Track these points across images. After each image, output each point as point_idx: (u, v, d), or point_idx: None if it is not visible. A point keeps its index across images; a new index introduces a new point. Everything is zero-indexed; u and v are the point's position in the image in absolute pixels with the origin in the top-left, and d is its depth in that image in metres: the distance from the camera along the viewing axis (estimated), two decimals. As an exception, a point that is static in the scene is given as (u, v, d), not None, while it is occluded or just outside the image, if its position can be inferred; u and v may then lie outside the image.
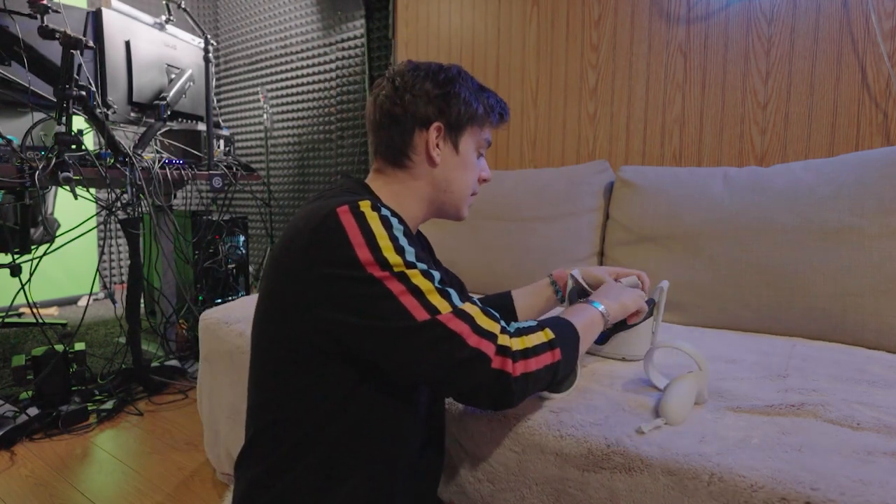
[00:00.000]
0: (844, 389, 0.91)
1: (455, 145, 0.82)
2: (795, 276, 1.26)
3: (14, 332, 2.58)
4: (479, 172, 0.88)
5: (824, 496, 0.63)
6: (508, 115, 0.88)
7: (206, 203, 2.89)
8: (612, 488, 0.75)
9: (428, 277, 0.66)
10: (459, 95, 0.81)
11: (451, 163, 0.82)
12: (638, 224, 1.52)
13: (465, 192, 0.85)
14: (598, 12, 1.91)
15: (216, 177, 2.13)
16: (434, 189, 0.83)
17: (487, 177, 0.89)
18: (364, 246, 0.63)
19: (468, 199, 0.87)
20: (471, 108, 0.82)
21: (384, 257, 0.64)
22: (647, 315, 1.07)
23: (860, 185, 1.24)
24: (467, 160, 0.84)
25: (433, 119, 0.81)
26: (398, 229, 0.67)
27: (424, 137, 0.80)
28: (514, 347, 0.65)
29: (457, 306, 0.65)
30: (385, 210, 0.69)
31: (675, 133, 1.79)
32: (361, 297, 0.64)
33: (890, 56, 1.44)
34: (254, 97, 3.50)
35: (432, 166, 0.82)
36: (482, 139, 0.85)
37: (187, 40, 2.29)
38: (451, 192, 0.84)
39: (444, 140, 0.82)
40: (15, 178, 1.50)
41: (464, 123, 0.82)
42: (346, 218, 0.65)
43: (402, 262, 0.64)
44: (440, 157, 0.82)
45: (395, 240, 0.66)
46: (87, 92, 1.64)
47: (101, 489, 1.43)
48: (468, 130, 0.83)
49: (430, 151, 0.81)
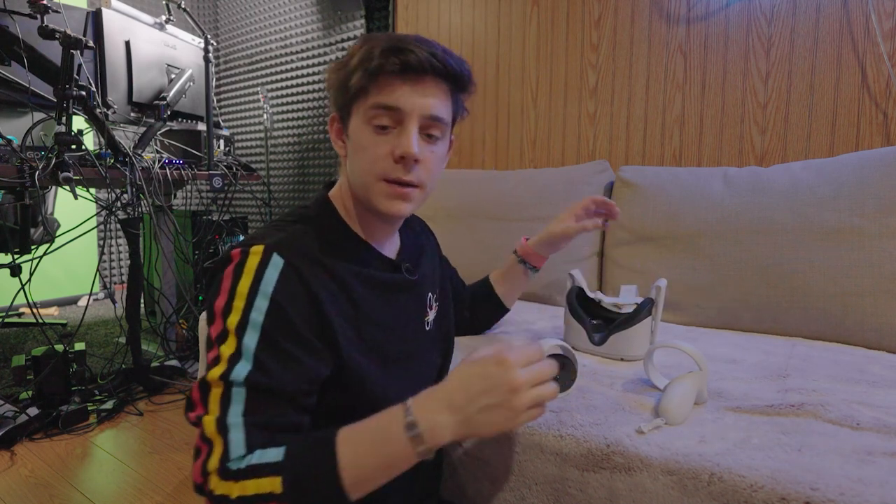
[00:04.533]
0: (844, 389, 0.91)
1: (347, 131, 0.73)
2: (795, 276, 1.26)
3: (14, 332, 2.58)
4: (391, 149, 0.69)
5: (824, 496, 0.63)
6: (395, 56, 0.66)
7: (206, 203, 2.89)
8: (611, 488, 0.75)
9: (234, 361, 0.59)
10: (332, 74, 0.73)
11: (350, 151, 0.73)
12: (638, 224, 1.52)
13: (363, 178, 0.71)
14: (598, 12, 1.91)
15: (216, 177, 2.13)
16: (350, 184, 0.76)
17: (402, 152, 0.68)
18: (225, 295, 0.63)
19: (373, 187, 0.70)
20: (340, 82, 0.71)
21: (225, 325, 0.61)
22: (645, 314, 1.07)
23: (860, 185, 1.24)
24: (357, 142, 0.71)
25: (331, 109, 0.76)
26: (269, 282, 0.62)
27: (331, 130, 0.77)
28: (217, 492, 0.56)
29: (223, 418, 0.57)
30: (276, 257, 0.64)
31: (675, 133, 1.79)
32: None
33: (890, 56, 1.44)
34: (254, 97, 3.50)
35: (344, 158, 0.76)
36: (368, 107, 0.69)
37: (187, 40, 2.29)
38: (357, 184, 0.73)
39: (343, 127, 0.74)
40: (15, 178, 1.50)
41: (344, 103, 0.72)
42: (231, 263, 0.64)
43: (235, 325, 0.61)
44: (343, 148, 0.75)
45: (249, 297, 0.62)
46: (87, 92, 1.64)
47: (101, 489, 1.43)
48: (354, 109, 0.71)
49: (334, 142, 0.77)
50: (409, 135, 0.68)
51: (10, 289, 1.74)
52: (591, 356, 1.11)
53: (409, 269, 0.82)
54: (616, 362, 1.08)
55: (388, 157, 0.69)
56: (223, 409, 0.58)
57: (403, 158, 0.68)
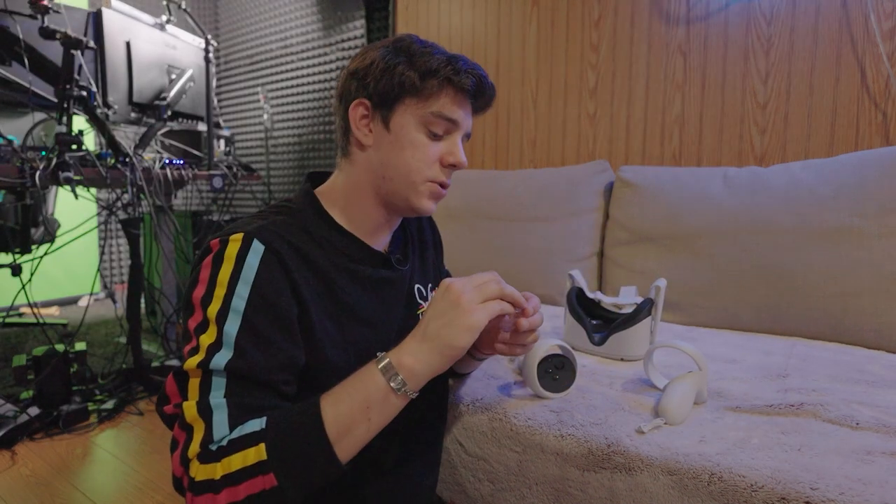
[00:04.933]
0: (844, 389, 0.91)
1: (385, 122, 0.71)
2: (795, 276, 1.26)
3: (15, 332, 2.58)
4: (440, 155, 0.72)
5: (824, 496, 0.63)
6: (470, 78, 0.69)
7: (206, 203, 2.89)
8: (612, 488, 0.76)
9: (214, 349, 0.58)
10: (381, 63, 0.69)
11: (384, 143, 0.71)
12: (638, 224, 1.52)
13: (409, 177, 0.71)
14: (598, 12, 1.91)
15: (216, 177, 2.14)
16: (372, 176, 0.73)
17: (455, 161, 0.72)
18: (204, 284, 0.61)
19: (420, 186, 0.72)
20: (397, 75, 0.68)
21: (206, 314, 0.60)
22: (645, 315, 1.07)
23: (860, 185, 1.24)
24: (404, 139, 0.70)
25: (354, 94, 0.72)
26: (250, 268, 0.61)
27: (353, 117, 0.72)
28: (198, 478, 0.54)
29: (205, 400, 0.57)
30: (256, 243, 0.62)
31: (674, 133, 1.79)
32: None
33: (889, 56, 1.44)
34: (254, 97, 3.50)
35: (361, 149, 0.73)
36: (428, 113, 0.69)
37: (188, 40, 2.29)
38: (391, 178, 0.71)
39: (373, 118, 0.71)
40: (16, 178, 1.51)
41: (392, 95, 0.69)
42: (210, 253, 0.63)
43: (216, 313, 0.60)
44: (369, 137, 0.72)
45: (230, 285, 0.60)
46: (88, 92, 1.65)
47: (102, 488, 1.43)
48: (402, 103, 0.70)
49: (355, 131, 0.72)
50: (459, 146, 0.73)
51: (10, 289, 1.74)
52: (591, 356, 1.11)
53: (399, 261, 0.80)
54: (616, 362, 1.08)
55: (436, 163, 0.72)
56: (204, 394, 0.57)
57: (454, 166, 0.73)
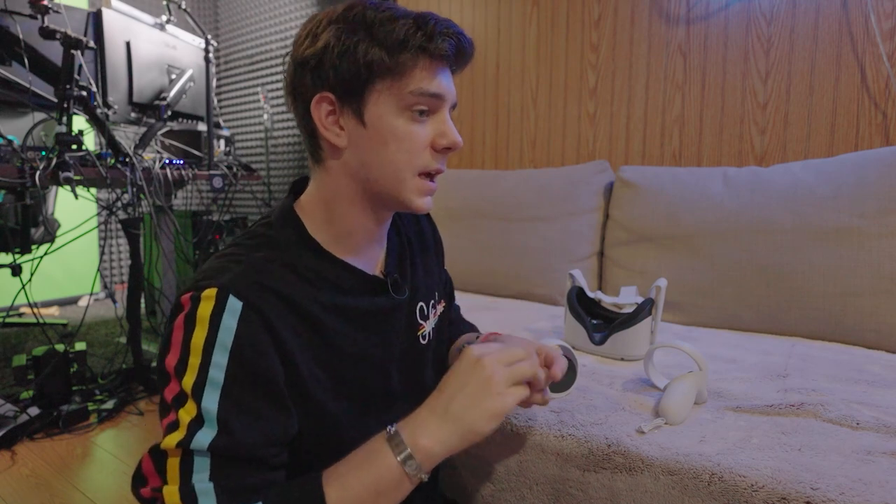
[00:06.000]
0: (844, 389, 0.91)
1: (358, 115, 0.60)
2: (795, 276, 1.26)
3: (15, 332, 2.58)
4: (431, 139, 0.61)
5: (824, 495, 0.63)
6: (447, 41, 0.58)
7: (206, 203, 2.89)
8: (612, 488, 0.76)
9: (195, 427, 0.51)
10: (336, 44, 0.57)
11: (361, 141, 0.60)
12: (638, 224, 1.52)
13: (396, 173, 0.61)
14: (598, 12, 1.91)
15: (216, 177, 2.13)
16: (354, 181, 0.62)
17: (449, 143, 0.61)
18: (177, 351, 0.54)
19: (410, 182, 0.61)
20: (360, 55, 0.56)
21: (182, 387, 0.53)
22: (645, 314, 1.07)
23: (860, 185, 1.24)
24: (385, 131, 0.59)
25: (312, 88, 0.60)
26: (227, 330, 0.53)
27: (317, 116, 0.61)
28: None
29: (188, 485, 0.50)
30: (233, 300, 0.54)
31: (674, 133, 1.79)
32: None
33: (889, 56, 1.44)
34: (254, 97, 3.51)
35: (335, 153, 0.62)
36: (407, 93, 0.58)
37: (188, 40, 2.29)
38: (376, 179, 0.61)
39: (342, 112, 0.60)
40: (16, 178, 1.50)
41: (360, 81, 0.58)
42: (182, 313, 0.54)
43: (192, 386, 0.52)
44: (342, 137, 0.61)
45: (205, 353, 0.53)
46: (88, 92, 1.65)
47: (102, 489, 1.43)
48: (373, 88, 0.58)
49: (323, 132, 0.61)
50: (450, 124, 0.62)
51: (10, 288, 1.74)
52: (591, 356, 1.12)
53: (397, 285, 0.70)
54: (616, 362, 1.08)
55: (427, 149, 0.61)
56: (186, 477, 0.50)
57: (449, 149, 0.62)
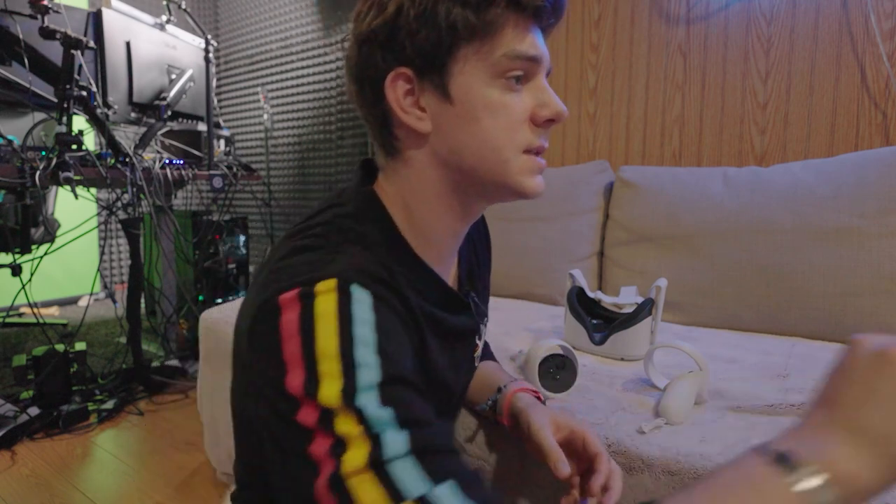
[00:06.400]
0: (844, 389, 0.91)
1: (442, 91, 0.51)
2: (795, 276, 1.26)
3: (15, 332, 2.58)
4: (530, 111, 0.52)
5: (824, 495, 0.63)
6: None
7: (206, 203, 2.88)
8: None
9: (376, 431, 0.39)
10: (412, 6, 0.48)
11: (447, 121, 0.51)
12: (638, 224, 1.52)
13: (497, 153, 0.51)
14: (598, 12, 1.91)
15: (216, 177, 2.13)
16: (443, 172, 0.54)
17: (552, 114, 0.52)
18: (299, 366, 0.41)
19: (514, 161, 0.52)
20: (441, 17, 0.48)
21: (323, 406, 0.40)
22: (645, 314, 1.07)
23: (860, 185, 1.24)
24: (477, 104, 0.50)
25: (384, 66, 0.51)
26: (364, 323, 0.42)
27: (393, 97, 0.52)
28: None
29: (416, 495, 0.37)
30: (358, 290, 0.43)
31: (674, 133, 1.79)
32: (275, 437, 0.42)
33: (889, 56, 1.44)
34: (254, 97, 3.50)
35: (417, 141, 0.53)
36: (500, 57, 0.49)
37: (188, 40, 2.29)
38: (473, 166, 0.52)
39: (421, 90, 0.51)
40: (16, 178, 1.51)
41: (443, 49, 0.49)
42: (287, 317, 0.42)
43: (340, 397, 0.39)
44: (425, 120, 0.52)
45: (344, 355, 0.41)
46: (88, 92, 1.65)
47: (102, 489, 1.43)
48: (458, 56, 0.50)
49: (402, 116, 0.51)
50: (550, 90, 0.53)
51: (10, 288, 1.74)
52: (591, 356, 1.11)
53: (477, 308, 0.63)
54: (616, 362, 1.08)
55: (526, 122, 0.52)
56: (398, 491, 0.37)
57: (552, 122, 0.53)
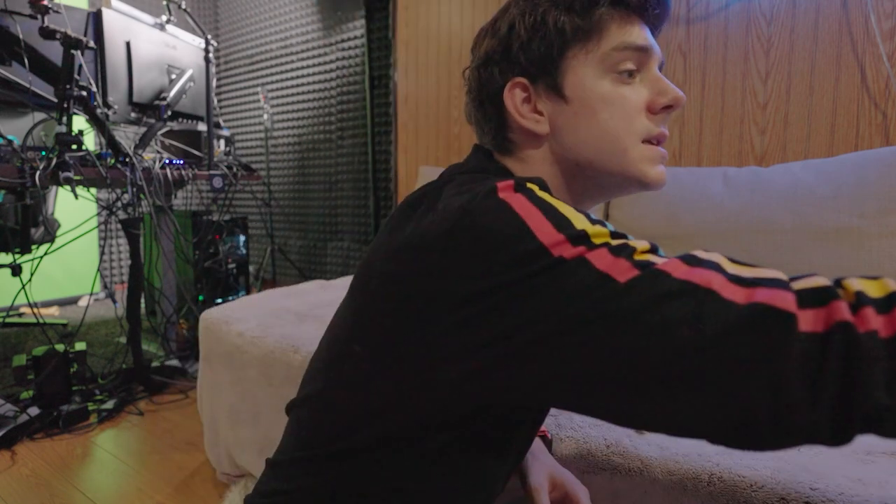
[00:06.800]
0: (844, 389, 0.91)
1: (557, 91, 0.53)
2: (795, 277, 1.26)
3: (15, 332, 2.58)
4: (647, 101, 0.53)
5: (823, 496, 0.63)
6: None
7: (206, 203, 2.89)
8: (612, 489, 0.76)
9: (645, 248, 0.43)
10: (523, 22, 0.53)
11: (564, 119, 0.54)
12: (638, 224, 1.52)
13: (615, 143, 0.53)
14: (598, 12, 1.90)
15: (216, 177, 2.14)
16: (562, 168, 0.56)
17: (671, 100, 0.53)
18: (549, 224, 0.41)
19: (634, 150, 0.53)
20: (550, 27, 0.52)
21: (578, 229, 0.41)
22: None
23: (860, 185, 1.24)
24: (592, 97, 0.53)
25: (501, 80, 0.55)
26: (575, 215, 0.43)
27: (512, 105, 0.55)
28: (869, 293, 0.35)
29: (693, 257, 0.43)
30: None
31: (674, 133, 1.79)
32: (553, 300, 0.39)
33: (889, 56, 1.44)
34: (254, 97, 3.51)
35: (534, 142, 0.56)
36: (609, 51, 0.52)
37: (188, 40, 2.29)
38: (592, 160, 0.54)
39: (537, 95, 0.55)
40: (16, 178, 1.51)
41: (553, 54, 0.53)
42: (517, 199, 0.43)
43: (608, 232, 0.42)
44: (543, 122, 0.54)
45: (587, 216, 0.43)
46: (88, 92, 1.65)
47: (102, 489, 1.43)
48: (568, 58, 0.53)
49: (521, 122, 0.54)
50: (664, 79, 0.54)
51: (10, 288, 1.74)
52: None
53: None
54: (616, 362, 1.08)
55: (642, 112, 0.53)
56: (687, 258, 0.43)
57: (671, 107, 0.53)
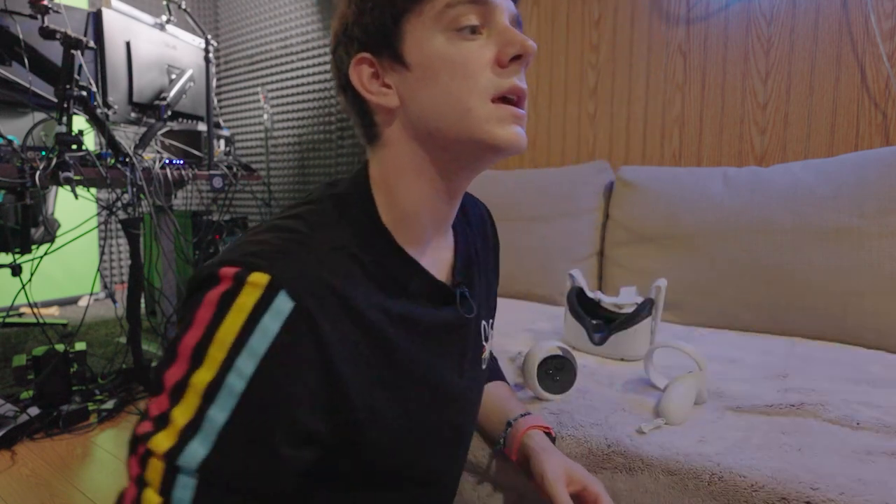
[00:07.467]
0: (844, 389, 0.91)
1: (398, 59, 0.50)
2: (795, 276, 1.26)
3: (15, 332, 2.58)
4: (493, 54, 0.49)
5: (824, 496, 0.63)
6: None
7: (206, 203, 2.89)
8: (612, 488, 0.76)
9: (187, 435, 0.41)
10: (351, 2, 0.52)
11: (410, 87, 0.51)
12: (638, 224, 1.52)
13: (458, 104, 0.49)
14: (598, 12, 1.91)
15: (216, 177, 2.13)
16: (417, 142, 0.52)
17: (517, 49, 0.49)
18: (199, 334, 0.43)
19: (480, 109, 0.49)
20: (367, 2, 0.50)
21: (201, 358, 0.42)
22: (645, 315, 1.07)
23: (860, 185, 1.24)
24: (433, 60, 0.49)
25: (347, 60, 0.52)
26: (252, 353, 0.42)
27: (359, 82, 0.52)
28: None
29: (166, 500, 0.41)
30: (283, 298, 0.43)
31: (674, 133, 1.79)
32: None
33: (889, 56, 1.44)
34: (254, 97, 3.50)
35: (388, 119, 0.52)
36: (442, 8, 0.48)
37: (188, 40, 2.28)
38: (438, 126, 0.50)
39: (382, 68, 0.51)
40: (16, 178, 1.50)
41: (389, 24, 0.50)
42: (211, 294, 0.43)
43: (203, 386, 0.42)
44: (391, 94, 0.51)
45: (225, 367, 0.42)
46: (88, 92, 1.64)
47: (102, 489, 1.43)
48: (405, 26, 0.50)
49: (369, 96, 0.52)
50: (512, 29, 0.50)
51: (10, 289, 1.74)
52: (591, 356, 1.11)
53: (466, 301, 0.59)
54: (616, 362, 1.08)
55: (489, 67, 0.49)
56: (166, 490, 0.41)
57: (520, 57, 0.49)
